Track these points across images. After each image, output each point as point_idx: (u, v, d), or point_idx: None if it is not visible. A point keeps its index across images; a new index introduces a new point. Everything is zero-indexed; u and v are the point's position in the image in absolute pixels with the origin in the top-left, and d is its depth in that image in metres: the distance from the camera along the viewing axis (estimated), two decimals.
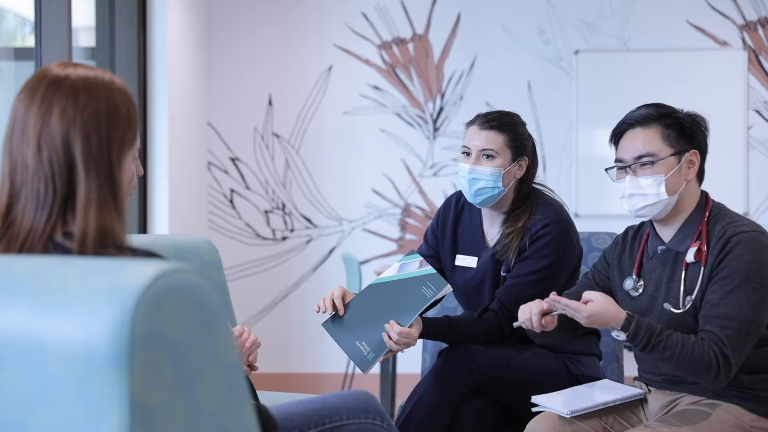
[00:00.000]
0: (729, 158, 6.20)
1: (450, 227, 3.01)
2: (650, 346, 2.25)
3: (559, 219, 2.82)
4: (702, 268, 2.36)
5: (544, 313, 2.43)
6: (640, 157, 2.41)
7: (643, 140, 2.42)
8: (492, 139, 2.83)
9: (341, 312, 2.75)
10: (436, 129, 6.43)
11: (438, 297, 2.75)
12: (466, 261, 2.96)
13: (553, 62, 6.37)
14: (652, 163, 2.40)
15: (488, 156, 2.83)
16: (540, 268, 2.77)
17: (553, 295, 2.38)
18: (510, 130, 2.85)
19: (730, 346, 2.24)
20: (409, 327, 2.71)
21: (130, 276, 1.06)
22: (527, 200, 2.89)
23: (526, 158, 2.88)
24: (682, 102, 2.52)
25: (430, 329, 2.81)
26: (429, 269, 2.79)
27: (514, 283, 2.81)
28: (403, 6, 6.43)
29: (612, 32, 6.36)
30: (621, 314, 2.28)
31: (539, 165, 3.01)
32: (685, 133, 2.43)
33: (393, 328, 2.66)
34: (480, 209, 2.97)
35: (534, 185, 2.94)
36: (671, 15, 6.34)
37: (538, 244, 2.80)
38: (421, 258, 2.84)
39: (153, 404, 1.03)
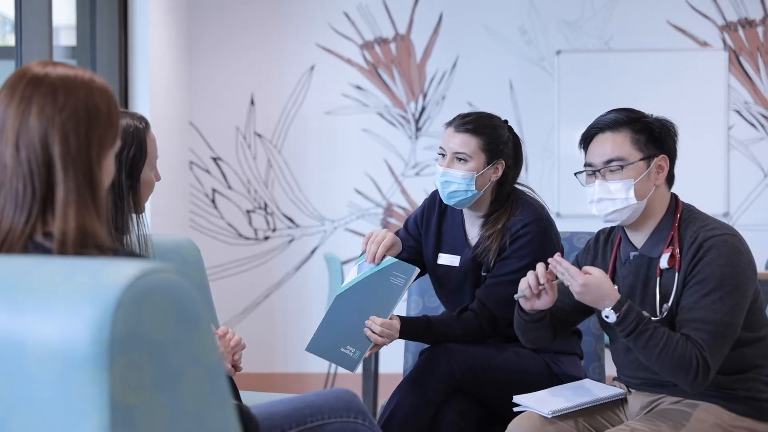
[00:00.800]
0: (709, 158, 6.23)
1: (434, 225, 3.00)
2: (637, 332, 2.24)
3: (538, 219, 2.82)
4: (676, 274, 2.36)
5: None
6: (610, 161, 2.41)
7: (612, 144, 2.42)
8: (466, 143, 2.82)
9: (375, 259, 2.80)
10: (418, 129, 6.43)
11: (410, 282, 2.76)
12: (448, 260, 2.96)
13: (534, 62, 6.39)
14: (621, 167, 2.39)
15: (461, 159, 2.82)
16: (520, 267, 2.77)
17: (557, 255, 2.37)
18: (486, 133, 2.83)
19: (708, 350, 2.24)
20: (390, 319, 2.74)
21: (110, 276, 1.06)
22: (506, 202, 2.88)
23: (503, 161, 2.85)
24: (662, 102, 2.54)
25: (409, 329, 2.81)
26: (389, 259, 2.81)
27: (494, 282, 2.81)
28: (386, 6, 6.43)
29: (593, 32, 6.38)
30: (615, 294, 2.28)
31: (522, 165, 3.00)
32: (655, 137, 2.43)
33: (375, 322, 2.67)
34: (461, 210, 2.97)
35: (515, 185, 2.94)
36: (652, 15, 6.36)
37: (517, 243, 2.80)
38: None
39: (134, 405, 1.03)
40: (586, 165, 2.48)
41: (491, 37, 6.39)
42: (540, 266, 2.41)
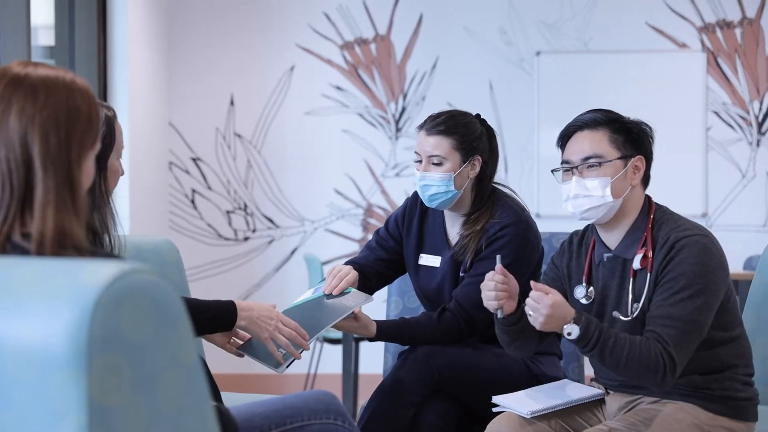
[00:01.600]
0: (688, 159, 6.26)
1: (416, 225, 3.00)
2: (601, 342, 2.24)
3: (517, 221, 2.82)
4: (648, 275, 2.37)
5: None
6: (588, 158, 2.42)
7: (590, 142, 2.43)
8: (438, 145, 2.82)
9: (334, 291, 2.78)
10: (398, 129, 6.44)
11: (360, 306, 2.75)
12: (429, 260, 2.96)
13: (514, 63, 6.40)
14: (599, 164, 2.40)
15: (436, 163, 2.82)
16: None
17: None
18: (458, 132, 2.83)
19: (672, 345, 2.25)
20: (358, 322, 2.74)
21: (88, 277, 1.05)
22: (487, 201, 2.88)
23: (479, 157, 2.85)
24: (641, 103, 2.56)
25: (386, 332, 2.81)
26: (348, 289, 2.81)
27: (470, 282, 2.81)
28: (366, 6, 6.44)
29: (573, 33, 6.40)
30: (572, 310, 2.28)
31: (501, 165, 3.01)
32: (632, 138, 2.44)
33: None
34: (442, 211, 2.98)
35: (495, 185, 2.94)
36: (631, 17, 6.39)
37: (495, 245, 2.80)
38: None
39: (112, 406, 1.02)
40: (563, 162, 2.49)
41: (471, 38, 6.40)
42: (489, 274, 2.41)
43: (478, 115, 2.93)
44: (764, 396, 2.77)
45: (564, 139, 2.51)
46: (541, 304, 2.26)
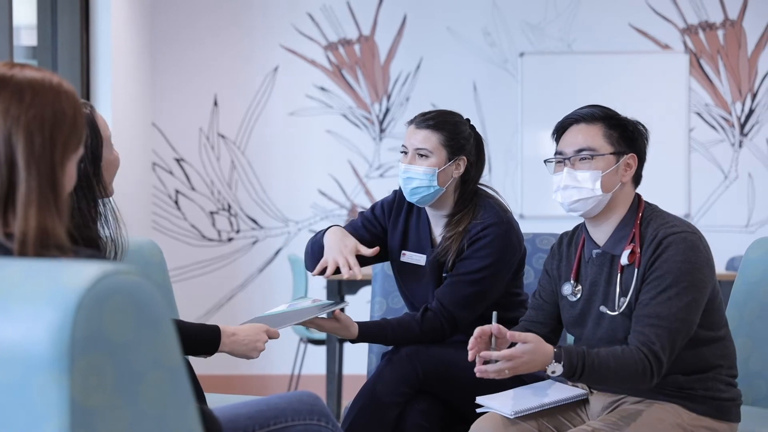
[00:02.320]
0: (671, 160, 6.29)
1: (402, 220, 3.01)
2: (586, 368, 2.26)
3: (499, 222, 2.83)
4: (636, 270, 2.38)
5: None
6: (581, 150, 2.44)
7: (585, 135, 2.45)
8: (427, 138, 2.84)
9: (357, 273, 2.73)
10: (382, 130, 6.44)
11: (334, 309, 2.75)
12: (414, 258, 2.96)
13: (498, 64, 6.42)
14: (592, 156, 2.42)
15: (422, 155, 2.84)
16: (479, 268, 2.79)
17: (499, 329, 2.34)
18: (447, 129, 2.85)
19: (659, 344, 2.26)
20: (339, 323, 2.73)
21: (71, 277, 1.05)
22: (470, 202, 2.89)
23: (465, 158, 2.87)
24: (624, 104, 2.57)
25: (367, 333, 2.81)
26: (325, 301, 2.80)
27: (453, 282, 2.82)
28: (349, 7, 6.44)
29: (556, 35, 6.42)
30: (549, 348, 2.28)
31: (485, 166, 3.01)
32: (627, 135, 2.47)
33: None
34: (426, 210, 2.98)
35: (479, 186, 2.95)
36: (614, 18, 6.41)
37: (477, 245, 2.81)
38: (315, 297, 2.83)
39: (94, 407, 1.02)
40: (556, 153, 2.50)
41: (455, 38, 6.41)
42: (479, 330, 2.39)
43: (468, 120, 2.94)
44: (746, 396, 2.79)
45: (560, 131, 2.52)
46: (513, 362, 2.25)
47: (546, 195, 6.60)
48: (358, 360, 5.69)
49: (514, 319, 2.72)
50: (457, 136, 2.86)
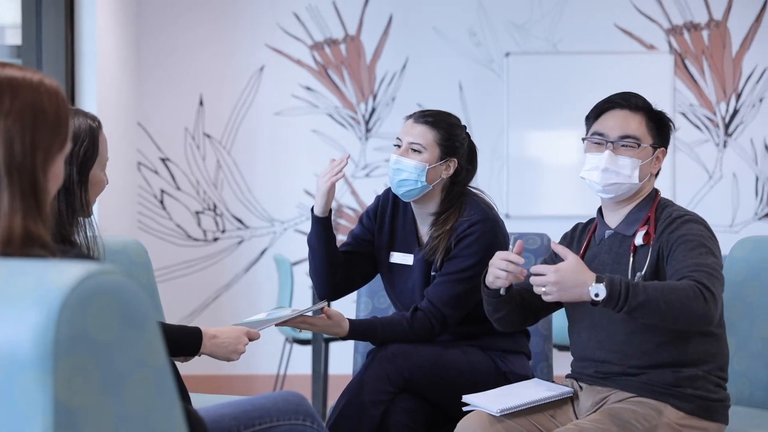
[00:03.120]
0: None
1: (387, 221, 3.02)
2: (631, 291, 2.20)
3: (485, 219, 2.84)
4: (650, 249, 2.42)
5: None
6: (626, 137, 2.50)
7: (631, 122, 2.52)
8: (422, 134, 2.87)
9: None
10: (368, 130, 6.44)
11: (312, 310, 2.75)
12: (401, 258, 2.98)
13: (484, 64, 6.42)
14: (638, 145, 2.49)
15: (415, 150, 2.86)
16: (467, 266, 2.80)
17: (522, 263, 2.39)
18: (443, 128, 2.88)
19: (707, 281, 2.24)
20: (331, 320, 2.73)
21: (55, 277, 1.04)
22: (456, 201, 2.90)
23: (456, 160, 2.89)
24: None
25: (357, 331, 2.81)
26: (306, 308, 2.80)
27: (442, 281, 2.83)
28: (335, 7, 6.43)
29: (542, 35, 6.43)
30: (590, 272, 2.25)
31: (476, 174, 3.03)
32: (664, 131, 2.57)
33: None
34: (412, 208, 2.99)
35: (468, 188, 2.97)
36: (600, 18, 6.43)
37: (464, 242, 2.82)
38: (294, 308, 2.83)
39: (78, 408, 1.02)
40: (595, 134, 2.54)
41: (441, 38, 6.42)
42: (503, 253, 2.42)
43: (465, 126, 2.99)
44: (731, 395, 2.80)
45: (599, 112, 2.55)
46: (546, 277, 2.26)
47: (532, 195, 6.62)
48: (343, 360, 5.69)
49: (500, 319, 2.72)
50: (452, 137, 2.90)
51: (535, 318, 2.66)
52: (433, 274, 2.88)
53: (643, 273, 2.41)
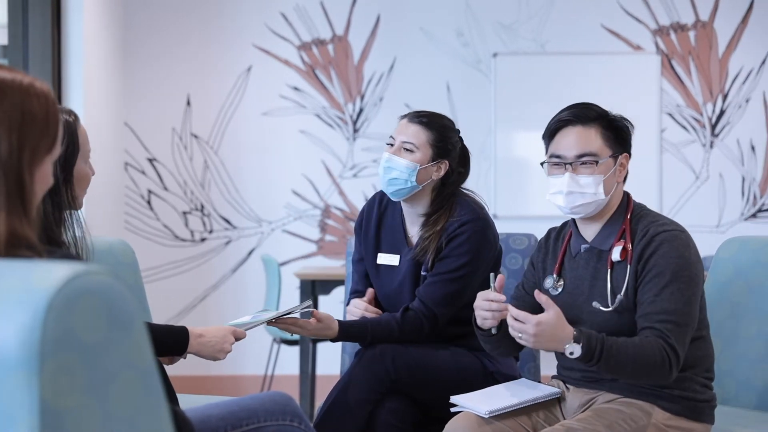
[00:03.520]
0: (643, 161, 6.32)
1: (374, 225, 3.04)
2: (605, 352, 2.25)
3: (476, 218, 2.85)
4: (628, 266, 2.40)
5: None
6: (583, 155, 2.44)
7: (585, 139, 2.45)
8: (416, 134, 2.88)
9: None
10: (356, 130, 6.44)
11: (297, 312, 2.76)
12: (388, 259, 2.98)
13: (471, 65, 6.43)
14: (596, 162, 2.43)
15: (407, 149, 2.87)
16: (458, 266, 2.81)
17: (508, 306, 2.36)
18: (437, 129, 2.90)
19: (674, 338, 2.28)
20: (321, 323, 2.75)
21: (41, 278, 1.04)
22: (447, 202, 2.91)
23: (447, 162, 2.90)
24: (597, 104, 2.57)
25: (348, 332, 2.82)
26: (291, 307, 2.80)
27: (434, 281, 2.84)
28: (323, 7, 6.43)
29: (529, 35, 6.44)
30: (570, 329, 2.27)
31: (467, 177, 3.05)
32: (621, 136, 2.49)
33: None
34: (401, 209, 3.00)
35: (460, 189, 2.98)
36: (587, 19, 6.44)
37: (455, 242, 2.83)
38: (278, 311, 2.84)
39: (64, 409, 1.01)
40: (553, 156, 2.49)
41: (428, 39, 6.42)
42: (485, 293, 2.42)
43: (459, 130, 2.99)
44: (718, 395, 2.81)
45: (553, 132, 2.51)
46: (527, 325, 2.26)
47: (519, 195, 6.63)
48: (331, 360, 5.69)
49: None
50: (445, 139, 2.91)
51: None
52: (423, 274, 2.89)
53: (622, 294, 2.40)
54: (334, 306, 5.68)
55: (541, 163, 2.53)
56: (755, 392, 2.88)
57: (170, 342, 2.43)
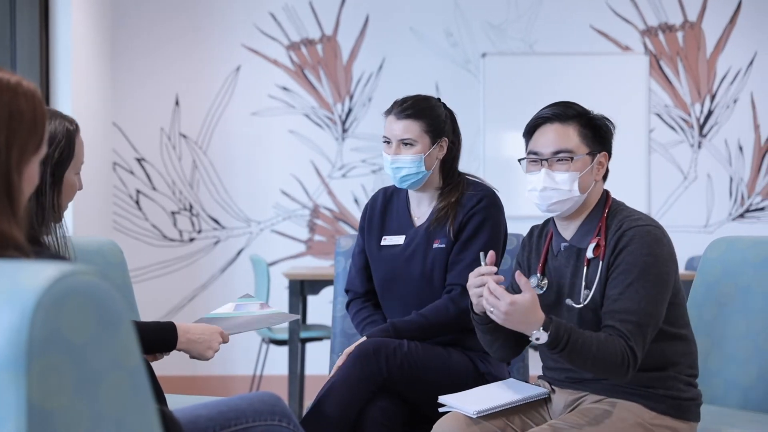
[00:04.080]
0: (631, 161, 6.34)
1: (378, 216, 3.09)
2: (570, 345, 2.26)
3: (491, 193, 2.95)
4: (600, 262, 2.40)
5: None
6: (558, 152, 2.44)
7: (562, 136, 2.46)
8: (409, 128, 2.93)
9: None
10: (344, 130, 6.44)
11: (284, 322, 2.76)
12: (392, 240, 3.02)
13: (460, 65, 6.43)
14: (571, 159, 2.43)
15: (407, 144, 2.92)
16: (486, 241, 2.87)
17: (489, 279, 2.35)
18: (426, 115, 2.95)
19: (633, 339, 2.29)
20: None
21: (29, 278, 1.04)
22: (456, 177, 3.00)
23: (446, 138, 2.98)
24: (585, 105, 2.57)
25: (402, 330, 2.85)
26: (274, 309, 2.79)
27: (467, 265, 2.83)
28: (312, 7, 6.43)
29: (518, 35, 6.45)
30: (541, 315, 2.28)
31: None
32: (600, 134, 2.49)
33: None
34: (407, 194, 3.07)
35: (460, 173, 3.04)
36: (575, 19, 6.45)
37: (476, 219, 2.90)
38: (262, 301, 2.83)
39: (52, 409, 1.01)
40: (531, 153, 2.50)
41: (417, 39, 6.42)
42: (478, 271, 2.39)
43: (439, 99, 3.05)
44: (704, 394, 2.82)
45: (532, 129, 2.52)
46: (501, 302, 2.26)
47: (509, 195, 6.61)
48: (320, 360, 5.68)
49: None
50: (436, 120, 2.97)
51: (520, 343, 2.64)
52: (440, 246, 2.91)
53: (591, 291, 2.40)
54: (321, 306, 5.67)
55: (519, 160, 2.55)
56: (743, 392, 2.89)
57: (159, 338, 2.42)
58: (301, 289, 5.10)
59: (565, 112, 2.48)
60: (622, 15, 6.46)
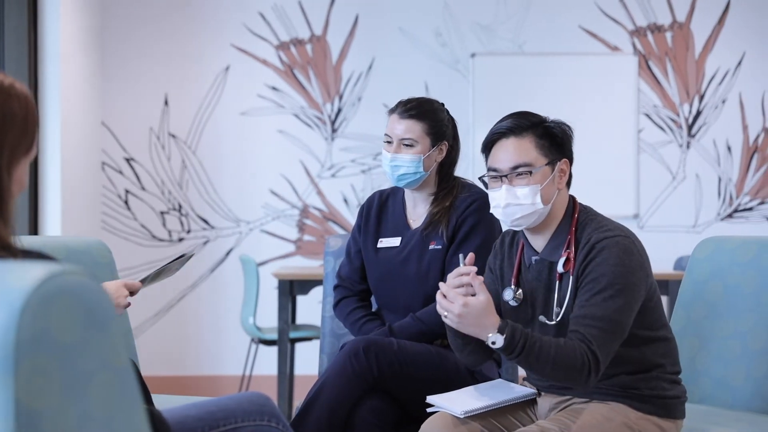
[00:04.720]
0: (620, 161, 6.35)
1: (374, 218, 3.12)
2: (527, 349, 2.25)
3: (484, 196, 2.94)
4: (571, 277, 2.39)
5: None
6: (517, 167, 2.42)
7: (518, 150, 2.43)
8: (411, 128, 2.97)
9: None
10: (334, 130, 6.44)
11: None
12: (389, 242, 3.04)
13: (449, 65, 6.44)
14: (530, 173, 2.41)
15: (407, 144, 2.96)
16: (479, 243, 2.90)
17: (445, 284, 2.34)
18: (429, 117, 2.99)
19: (596, 345, 2.27)
20: None
21: (16, 278, 1.04)
22: (452, 181, 3.04)
23: (446, 142, 3.02)
24: (575, 105, 2.58)
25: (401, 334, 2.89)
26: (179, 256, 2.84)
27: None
28: (301, 7, 6.43)
29: (507, 36, 6.46)
30: (496, 318, 2.27)
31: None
32: (557, 142, 2.46)
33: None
34: (403, 197, 3.10)
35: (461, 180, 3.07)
36: (565, 20, 6.47)
37: (470, 221, 2.93)
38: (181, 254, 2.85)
39: (40, 410, 1.01)
40: (490, 170, 2.49)
41: (407, 39, 6.43)
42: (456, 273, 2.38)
43: (443, 104, 3.09)
44: (692, 393, 2.83)
45: (489, 145, 2.51)
46: (454, 304, 2.26)
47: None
48: (309, 360, 5.69)
49: None
50: (438, 123, 3.01)
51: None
52: (437, 248, 2.94)
53: (563, 309, 2.40)
54: (311, 306, 5.67)
55: (480, 178, 2.54)
56: (731, 391, 2.90)
57: None
58: (291, 289, 5.10)
59: (519, 125, 2.45)
60: (611, 15, 6.47)
